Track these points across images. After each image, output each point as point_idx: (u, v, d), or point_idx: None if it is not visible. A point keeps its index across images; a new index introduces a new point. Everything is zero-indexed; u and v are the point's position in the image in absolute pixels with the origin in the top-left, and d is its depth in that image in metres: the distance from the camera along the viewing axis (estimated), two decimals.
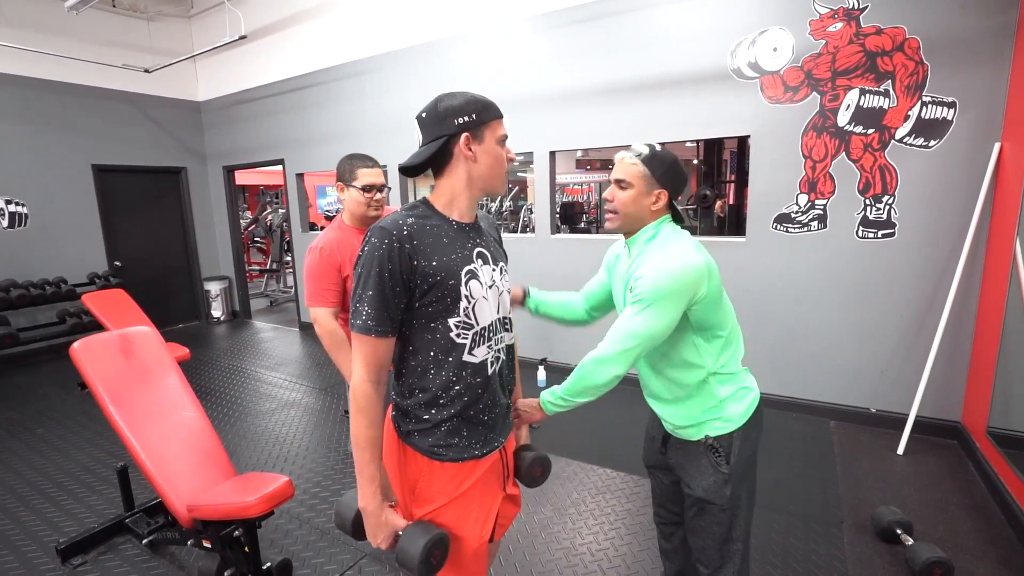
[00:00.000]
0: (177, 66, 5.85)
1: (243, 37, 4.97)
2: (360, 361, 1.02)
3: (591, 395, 1.22)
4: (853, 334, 3.09)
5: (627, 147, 1.30)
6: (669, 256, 1.19)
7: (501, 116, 1.08)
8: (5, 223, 4.94)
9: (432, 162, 1.06)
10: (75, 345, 2.06)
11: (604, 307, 1.55)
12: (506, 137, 1.09)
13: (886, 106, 2.82)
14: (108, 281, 5.37)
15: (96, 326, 4.77)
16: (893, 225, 2.91)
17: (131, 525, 2.21)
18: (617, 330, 1.20)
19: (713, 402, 1.28)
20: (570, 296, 1.59)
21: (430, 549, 0.98)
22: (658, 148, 1.28)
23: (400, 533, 1.02)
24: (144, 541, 2.11)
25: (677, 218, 1.32)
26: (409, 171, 1.08)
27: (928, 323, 2.87)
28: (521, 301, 1.54)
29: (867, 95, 2.85)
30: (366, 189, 1.87)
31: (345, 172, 1.89)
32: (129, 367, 2.13)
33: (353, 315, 1.01)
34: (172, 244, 6.40)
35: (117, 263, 5.72)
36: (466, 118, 1.02)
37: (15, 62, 4.89)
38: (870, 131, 2.88)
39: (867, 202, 2.95)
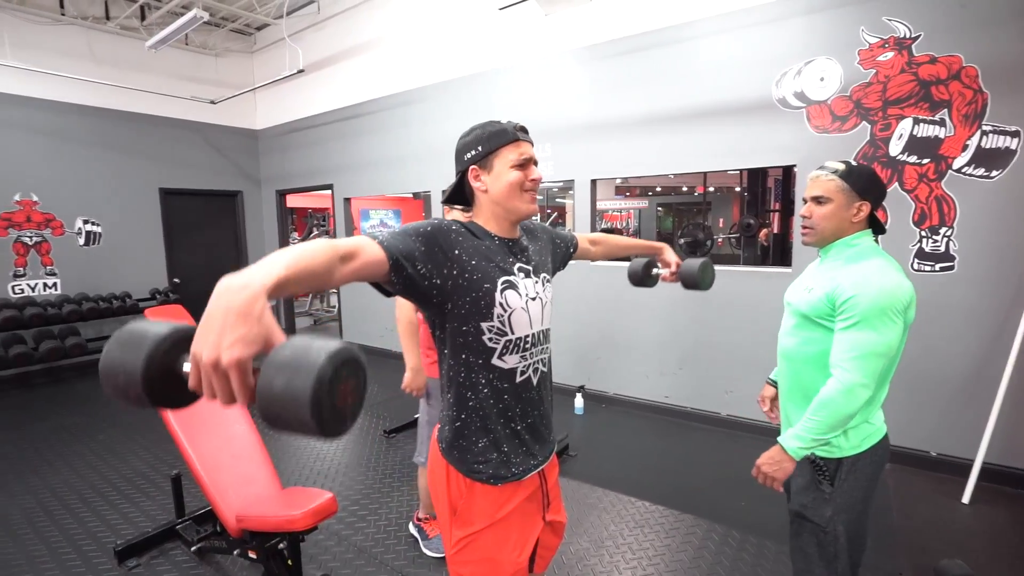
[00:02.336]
0: (239, 97, 6.26)
1: (301, 71, 5.29)
2: (348, 240, 0.84)
3: (843, 427, 1.20)
4: (910, 371, 2.93)
5: (822, 167, 1.31)
6: (880, 273, 1.20)
7: (515, 140, 1.09)
8: (82, 241, 5.35)
9: (462, 195, 1.17)
10: None
11: None
12: (525, 159, 1.09)
13: (942, 135, 2.73)
14: (167, 297, 5.70)
15: None
16: (952, 258, 2.78)
17: (181, 532, 2.30)
18: (849, 352, 1.17)
19: None
20: None
21: (337, 370, 0.50)
22: (854, 163, 1.29)
23: (271, 353, 0.52)
24: (193, 548, 2.20)
25: (879, 229, 1.32)
26: (448, 202, 1.20)
27: (994, 361, 2.70)
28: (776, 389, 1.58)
29: (921, 124, 2.78)
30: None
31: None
32: None
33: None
34: (225, 263, 6.74)
35: (176, 280, 6.06)
36: (473, 152, 1.10)
37: (100, 96, 5.37)
38: (925, 161, 2.79)
39: (923, 234, 2.84)
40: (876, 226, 1.33)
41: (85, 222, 5.36)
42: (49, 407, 4.23)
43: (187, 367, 0.54)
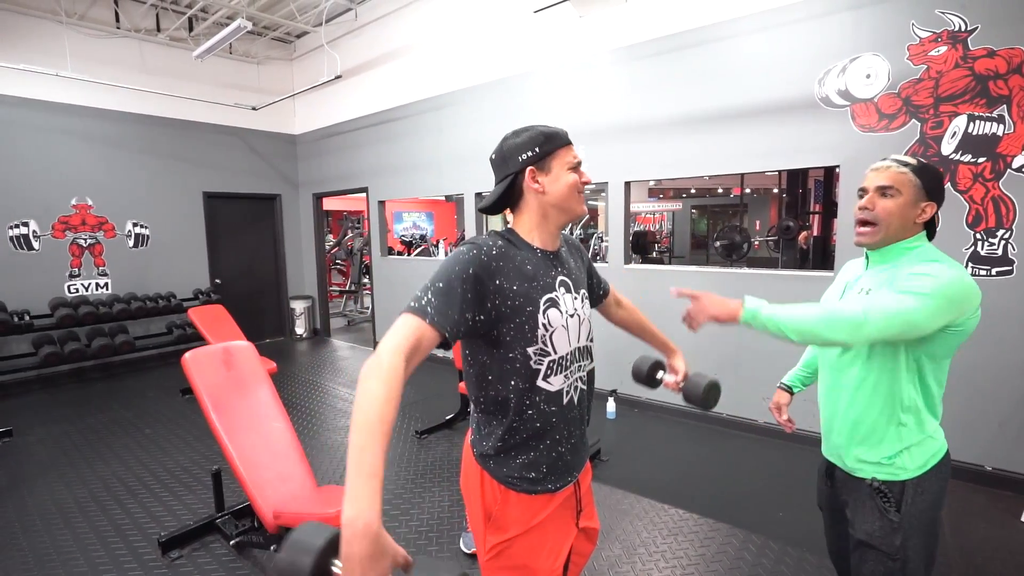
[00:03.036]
0: (279, 103, 6.46)
1: (338, 77, 5.42)
2: (399, 334, 0.90)
3: (801, 337, 1.10)
4: (964, 381, 2.78)
5: (885, 159, 1.22)
6: (955, 269, 1.11)
7: (568, 143, 1.09)
8: (131, 243, 5.62)
9: (507, 200, 1.11)
10: (186, 356, 2.28)
11: None
12: (579, 162, 1.10)
13: (1000, 133, 2.59)
14: (209, 297, 5.92)
15: (197, 337, 5.24)
16: (1011, 262, 2.63)
17: (221, 526, 2.38)
18: (886, 306, 1.06)
19: (891, 448, 1.21)
20: (806, 354, 1.66)
21: None
22: (923, 160, 1.21)
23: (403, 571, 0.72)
24: (232, 542, 2.27)
25: (930, 235, 1.24)
26: (488, 211, 1.13)
27: None
28: (791, 395, 1.66)
29: (977, 121, 2.64)
30: None
31: None
32: (229, 378, 2.33)
33: (413, 300, 0.96)
34: (264, 264, 6.96)
35: (217, 280, 6.29)
36: (529, 153, 1.06)
37: (150, 104, 5.63)
38: (981, 160, 2.65)
39: (978, 236, 2.69)
40: (930, 232, 1.24)
41: (134, 225, 5.63)
42: (101, 401, 4.44)
43: (336, 571, 0.69)
